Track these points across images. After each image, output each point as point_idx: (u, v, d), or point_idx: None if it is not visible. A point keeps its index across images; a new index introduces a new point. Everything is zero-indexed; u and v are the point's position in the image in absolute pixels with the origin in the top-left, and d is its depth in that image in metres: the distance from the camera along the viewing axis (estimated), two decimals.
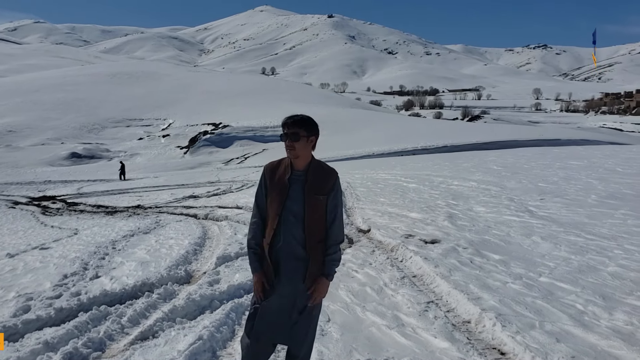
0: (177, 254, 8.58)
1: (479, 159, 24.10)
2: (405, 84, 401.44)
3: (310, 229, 3.12)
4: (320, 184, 3.16)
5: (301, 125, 3.12)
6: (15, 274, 8.25)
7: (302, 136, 3.10)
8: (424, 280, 5.89)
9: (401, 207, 11.03)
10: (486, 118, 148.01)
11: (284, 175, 3.18)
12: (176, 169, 46.69)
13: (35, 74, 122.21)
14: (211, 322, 4.76)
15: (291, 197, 3.13)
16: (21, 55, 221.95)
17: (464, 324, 4.57)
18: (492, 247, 7.06)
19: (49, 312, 5.39)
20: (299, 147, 3.12)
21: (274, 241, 3.16)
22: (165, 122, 75.97)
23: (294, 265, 3.16)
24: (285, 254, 3.15)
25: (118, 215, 16.37)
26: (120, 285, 6.61)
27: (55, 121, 71.09)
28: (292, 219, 3.13)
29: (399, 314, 4.78)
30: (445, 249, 6.92)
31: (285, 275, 3.16)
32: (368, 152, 40.84)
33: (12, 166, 49.01)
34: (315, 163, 3.22)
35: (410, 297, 5.22)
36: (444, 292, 5.33)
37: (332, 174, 3.23)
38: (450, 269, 5.96)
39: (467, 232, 8.06)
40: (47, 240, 12.43)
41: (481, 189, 13.33)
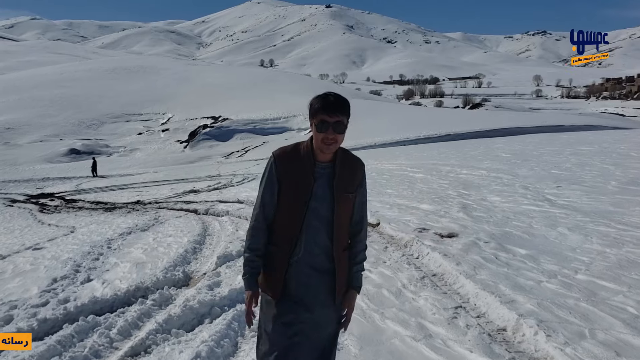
0: (175, 253, 8.07)
1: (486, 147, 23.52)
2: (405, 73, 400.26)
3: (338, 234, 2.53)
4: (350, 179, 2.57)
5: (345, 110, 2.44)
6: (2, 278, 7.75)
7: (346, 125, 2.45)
8: (445, 280, 5.31)
9: (410, 199, 10.46)
10: (487, 106, 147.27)
11: (306, 167, 2.51)
12: (176, 163, 46.13)
13: (32, 71, 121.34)
14: (210, 335, 4.19)
15: (317, 196, 2.49)
16: (18, 53, 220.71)
17: (499, 333, 3.99)
18: (515, 240, 6.49)
19: (32, 324, 4.84)
20: (341, 140, 2.48)
21: (293, 251, 2.51)
22: (165, 117, 75.33)
23: (317, 281, 2.54)
24: (307, 267, 2.52)
25: (117, 212, 15.92)
26: (112, 290, 6.07)
27: (53, 118, 70.44)
28: (317, 223, 2.50)
29: (424, 322, 4.20)
30: (465, 244, 6.34)
31: (309, 295, 2.53)
32: (370, 143, 40.19)
33: (10, 164, 48.39)
34: (341, 152, 2.58)
35: (434, 301, 4.63)
36: (471, 294, 4.75)
37: (359, 164, 2.63)
38: (474, 266, 5.38)
39: (486, 224, 7.49)
40: (42, 239, 11.98)
41: (492, 178, 12.76)
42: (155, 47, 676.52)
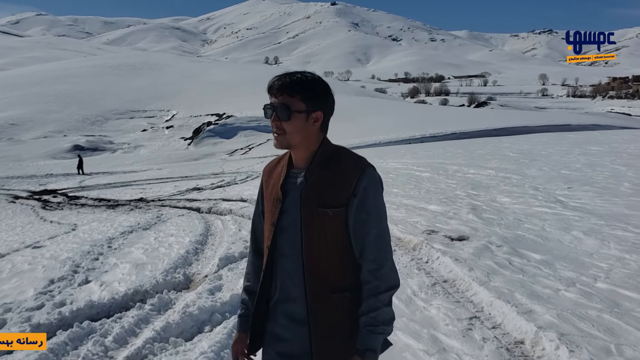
0: (176, 254, 7.86)
1: (493, 146, 23.23)
2: (410, 71, 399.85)
3: (312, 266, 1.82)
4: (331, 187, 1.83)
5: (297, 89, 1.80)
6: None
7: (296, 111, 1.80)
8: (457, 287, 5.07)
9: (417, 199, 10.21)
10: (493, 104, 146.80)
11: (279, 177, 1.96)
12: (180, 160, 45.99)
13: (37, 67, 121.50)
14: (210, 346, 3.96)
15: (286, 214, 1.88)
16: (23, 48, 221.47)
17: (516, 346, 3.75)
18: (528, 244, 6.24)
19: (24, 330, 4.64)
20: (292, 130, 1.82)
21: (268, 291, 1.95)
22: (169, 114, 75.21)
23: (294, 334, 1.88)
24: (282, 315, 1.90)
25: (119, 209, 15.75)
26: (110, 293, 5.86)
27: (57, 114, 70.36)
28: (289, 251, 1.87)
29: (437, 334, 3.95)
30: (476, 248, 6.10)
31: (283, 356, 1.91)
32: (375, 141, 39.94)
33: (14, 160, 48.32)
34: (325, 152, 1.90)
35: (447, 311, 4.39)
36: (485, 303, 4.51)
37: (353, 167, 1.85)
38: (487, 272, 5.14)
39: (497, 227, 7.24)
40: (43, 237, 11.84)
41: (500, 178, 12.50)
42: (160, 43, 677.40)
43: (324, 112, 1.87)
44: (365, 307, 1.80)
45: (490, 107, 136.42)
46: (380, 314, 1.78)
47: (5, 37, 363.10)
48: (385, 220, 1.89)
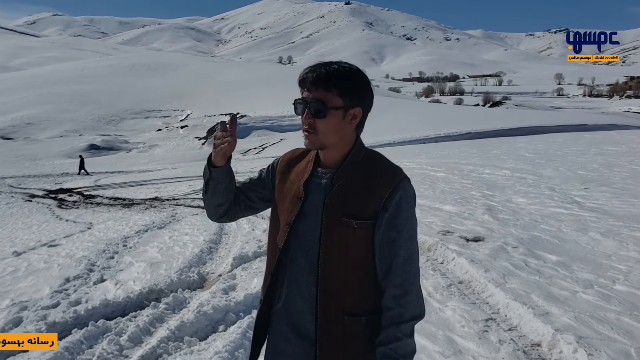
0: (190, 253, 7.87)
1: (508, 146, 23.05)
2: (425, 71, 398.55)
3: (328, 283, 1.63)
4: (357, 196, 1.64)
5: (334, 82, 1.58)
6: (15, 277, 7.60)
7: (332, 107, 1.60)
8: (473, 289, 5.03)
9: (432, 199, 10.15)
10: (508, 104, 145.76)
11: (302, 174, 1.76)
12: (194, 159, 46.14)
13: (53, 67, 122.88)
14: (224, 346, 3.95)
15: (305, 217, 1.69)
16: (40, 48, 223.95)
17: (533, 348, 3.70)
18: (545, 245, 6.17)
19: (40, 328, 4.66)
20: (327, 129, 1.62)
21: (271, 296, 1.79)
22: (184, 113, 75.53)
23: (295, 349, 1.72)
24: (286, 325, 1.73)
25: (135, 208, 15.83)
26: (125, 292, 5.87)
27: (73, 113, 70.99)
28: (301, 259, 1.69)
29: (453, 336, 3.92)
30: (492, 249, 6.04)
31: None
32: (389, 140, 39.75)
33: (30, 159, 48.82)
34: (357, 156, 1.70)
35: (463, 312, 4.35)
36: (501, 305, 4.46)
37: (388, 177, 1.65)
38: (503, 274, 5.09)
39: (513, 228, 7.17)
40: (59, 235, 11.91)
41: (516, 178, 12.40)
42: (175, 43, 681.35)
43: (363, 108, 1.66)
44: (384, 337, 1.59)
45: (505, 106, 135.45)
46: (401, 345, 1.56)
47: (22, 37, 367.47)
48: (416, 240, 1.68)
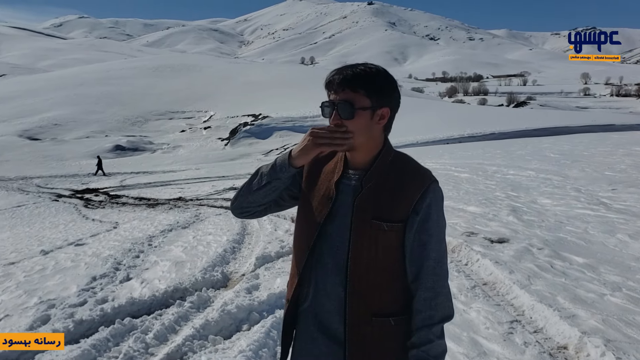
0: (214, 252, 7.94)
1: (533, 146, 22.79)
2: (448, 71, 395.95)
3: (356, 284, 1.65)
4: (387, 198, 1.65)
5: (361, 83, 1.61)
6: (43, 275, 7.75)
7: (360, 108, 1.62)
8: (497, 290, 4.98)
9: (456, 200, 10.08)
10: (532, 104, 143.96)
11: (332, 174, 1.76)
12: (217, 160, 46.52)
13: (79, 68, 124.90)
14: (248, 345, 3.98)
15: (335, 219, 1.69)
16: (66, 50, 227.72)
17: (559, 351, 3.66)
18: (571, 247, 6.09)
19: (67, 325, 4.74)
20: (356, 130, 1.63)
21: (297, 296, 1.80)
22: (207, 114, 76.12)
23: (322, 350, 1.73)
24: (314, 325, 1.74)
25: (159, 208, 16.01)
26: (150, 290, 5.95)
27: (99, 114, 72.09)
28: (329, 260, 1.69)
29: (478, 338, 3.89)
30: (517, 250, 5.98)
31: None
32: (412, 141, 39.59)
33: (57, 159, 49.74)
34: (387, 157, 1.71)
35: (487, 314, 4.31)
36: (526, 307, 4.42)
37: (418, 180, 1.67)
38: (528, 275, 5.04)
39: (538, 229, 7.09)
40: (85, 234, 12.10)
41: (541, 179, 12.26)
42: (199, 45, 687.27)
43: (391, 108, 1.67)
44: (416, 339, 1.62)
45: (530, 107, 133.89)
46: (432, 347, 1.60)
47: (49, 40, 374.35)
48: (445, 242, 1.72)
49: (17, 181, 33.36)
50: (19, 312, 5.78)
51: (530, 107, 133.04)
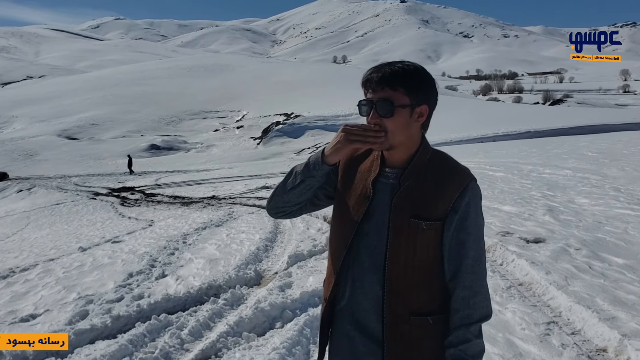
0: (247, 250, 8.01)
1: (570, 145, 22.29)
2: (482, 68, 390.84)
3: (394, 283, 1.64)
4: (429, 197, 1.64)
5: (400, 81, 1.60)
6: (81, 271, 7.95)
7: (399, 105, 1.60)
8: (533, 291, 4.90)
9: (491, 199, 9.94)
10: (569, 102, 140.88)
11: (369, 172, 1.75)
12: (250, 159, 46.88)
13: (115, 69, 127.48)
14: (282, 342, 4.02)
15: (371, 217, 1.69)
16: (103, 51, 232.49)
17: (598, 354, 3.58)
18: (610, 248, 5.94)
19: (105, 321, 4.86)
20: (395, 128, 1.62)
21: (334, 295, 1.78)
22: (240, 114, 76.75)
23: (359, 349, 1.72)
24: (350, 324, 1.74)
25: (193, 206, 16.22)
26: (185, 287, 6.04)
27: (135, 114, 73.41)
28: (366, 258, 1.69)
29: (513, 339, 3.84)
30: (553, 250, 5.87)
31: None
32: (445, 139, 39.15)
33: (94, 158, 50.91)
34: (424, 156, 1.70)
35: (523, 315, 4.25)
36: (563, 308, 4.33)
37: (456, 178, 1.66)
38: (565, 276, 4.94)
39: (575, 229, 6.94)
40: (122, 232, 12.35)
41: (578, 178, 11.98)
42: (232, 45, 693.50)
43: (429, 105, 1.67)
44: (454, 338, 1.62)
45: (567, 104, 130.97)
46: (470, 346, 1.60)
47: (87, 41, 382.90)
48: (483, 241, 1.71)
49: (56, 180, 34.27)
50: (58, 307, 5.94)
51: (567, 104, 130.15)
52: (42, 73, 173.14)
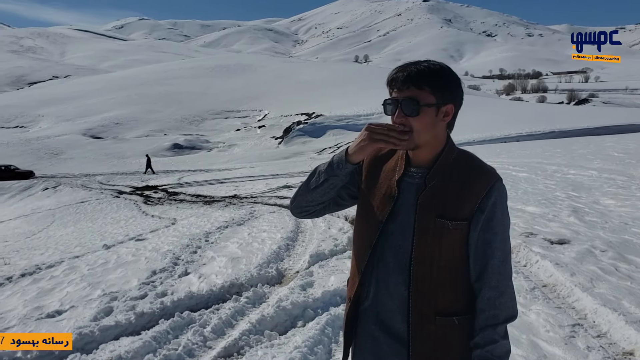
0: (269, 249, 8.05)
1: (595, 145, 21.95)
2: (506, 68, 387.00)
3: (420, 284, 1.63)
4: (452, 196, 1.64)
5: (426, 80, 1.60)
6: (106, 268, 8.07)
7: (425, 105, 1.60)
8: (558, 293, 4.84)
9: (514, 200, 9.83)
10: (595, 102, 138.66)
11: (393, 172, 1.75)
12: (271, 159, 47.03)
13: (139, 69, 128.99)
14: (304, 341, 4.03)
15: (396, 217, 1.68)
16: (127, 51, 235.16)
17: (625, 357, 3.52)
18: (637, 250, 5.84)
19: (129, 317, 4.93)
20: (421, 127, 1.61)
21: (359, 295, 1.77)
22: (261, 113, 77.02)
23: (383, 349, 1.71)
24: (374, 324, 1.73)
25: (215, 205, 16.35)
26: (207, 285, 6.10)
27: (158, 113, 74.19)
28: (390, 258, 1.68)
29: (538, 341, 3.79)
30: (578, 252, 5.78)
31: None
32: (468, 139, 38.83)
33: (118, 157, 51.63)
34: (450, 155, 1.69)
35: (547, 317, 4.20)
36: (589, 310, 4.27)
37: (482, 177, 1.65)
38: (591, 278, 4.86)
39: (601, 231, 6.83)
40: (145, 230, 12.51)
41: (604, 179, 11.79)
42: (254, 45, 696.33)
43: (455, 105, 1.67)
44: (480, 339, 1.61)
45: (592, 104, 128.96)
46: (497, 347, 1.59)
47: (111, 41, 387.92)
48: (509, 241, 1.70)
49: (81, 178, 34.83)
50: (83, 303, 6.05)
51: (592, 104, 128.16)
52: (68, 73, 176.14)
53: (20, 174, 36.83)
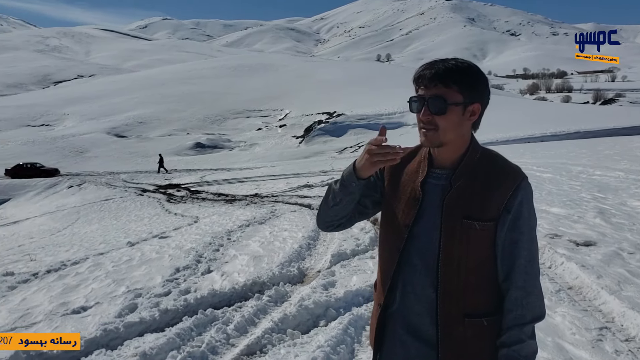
0: (290, 248, 8.06)
1: (622, 146, 21.58)
2: (530, 67, 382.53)
3: (447, 285, 1.61)
4: (478, 197, 1.62)
5: (454, 79, 1.57)
6: (130, 265, 8.15)
7: (452, 103, 1.58)
8: (584, 295, 4.76)
9: (539, 201, 9.70)
10: (622, 101, 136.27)
11: (416, 174, 1.73)
12: (292, 158, 47.16)
13: (162, 69, 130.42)
14: (326, 340, 4.02)
15: (421, 219, 1.67)
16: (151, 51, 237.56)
17: None
18: None
19: (153, 314, 4.98)
20: (447, 126, 1.60)
21: (387, 299, 1.75)
22: (282, 113, 77.31)
23: (411, 352, 1.69)
24: (402, 327, 1.71)
25: (236, 204, 16.42)
26: (230, 283, 6.13)
27: (181, 113, 74.93)
28: (417, 261, 1.66)
29: (564, 344, 3.74)
30: (605, 254, 5.69)
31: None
32: (491, 139, 38.44)
33: (142, 155, 52.27)
34: (474, 155, 1.67)
35: (573, 319, 4.13)
36: (616, 313, 4.20)
37: (509, 177, 1.62)
38: (618, 281, 4.78)
39: (628, 233, 6.71)
40: (168, 228, 12.62)
41: (631, 180, 11.58)
42: (276, 44, 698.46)
43: (482, 104, 1.64)
44: (507, 339, 1.59)
45: (619, 104, 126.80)
46: (524, 347, 1.57)
47: (135, 41, 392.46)
48: (536, 241, 1.67)
49: (105, 176, 35.32)
50: (108, 300, 6.12)
51: (619, 104, 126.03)
52: (92, 72, 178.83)
53: (46, 171, 37.48)
